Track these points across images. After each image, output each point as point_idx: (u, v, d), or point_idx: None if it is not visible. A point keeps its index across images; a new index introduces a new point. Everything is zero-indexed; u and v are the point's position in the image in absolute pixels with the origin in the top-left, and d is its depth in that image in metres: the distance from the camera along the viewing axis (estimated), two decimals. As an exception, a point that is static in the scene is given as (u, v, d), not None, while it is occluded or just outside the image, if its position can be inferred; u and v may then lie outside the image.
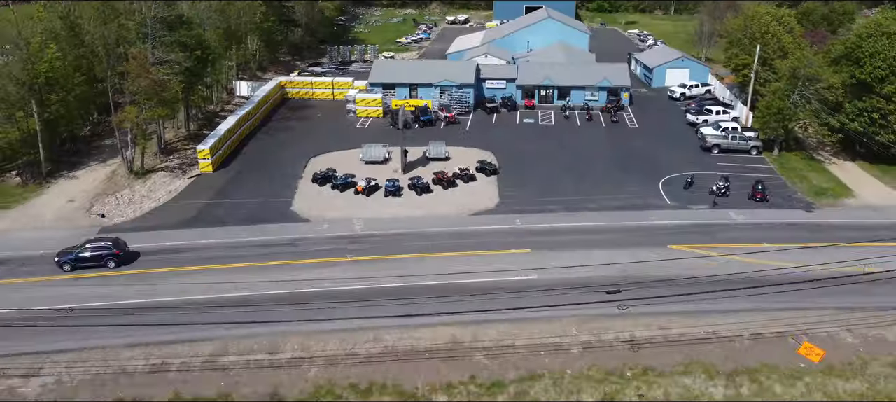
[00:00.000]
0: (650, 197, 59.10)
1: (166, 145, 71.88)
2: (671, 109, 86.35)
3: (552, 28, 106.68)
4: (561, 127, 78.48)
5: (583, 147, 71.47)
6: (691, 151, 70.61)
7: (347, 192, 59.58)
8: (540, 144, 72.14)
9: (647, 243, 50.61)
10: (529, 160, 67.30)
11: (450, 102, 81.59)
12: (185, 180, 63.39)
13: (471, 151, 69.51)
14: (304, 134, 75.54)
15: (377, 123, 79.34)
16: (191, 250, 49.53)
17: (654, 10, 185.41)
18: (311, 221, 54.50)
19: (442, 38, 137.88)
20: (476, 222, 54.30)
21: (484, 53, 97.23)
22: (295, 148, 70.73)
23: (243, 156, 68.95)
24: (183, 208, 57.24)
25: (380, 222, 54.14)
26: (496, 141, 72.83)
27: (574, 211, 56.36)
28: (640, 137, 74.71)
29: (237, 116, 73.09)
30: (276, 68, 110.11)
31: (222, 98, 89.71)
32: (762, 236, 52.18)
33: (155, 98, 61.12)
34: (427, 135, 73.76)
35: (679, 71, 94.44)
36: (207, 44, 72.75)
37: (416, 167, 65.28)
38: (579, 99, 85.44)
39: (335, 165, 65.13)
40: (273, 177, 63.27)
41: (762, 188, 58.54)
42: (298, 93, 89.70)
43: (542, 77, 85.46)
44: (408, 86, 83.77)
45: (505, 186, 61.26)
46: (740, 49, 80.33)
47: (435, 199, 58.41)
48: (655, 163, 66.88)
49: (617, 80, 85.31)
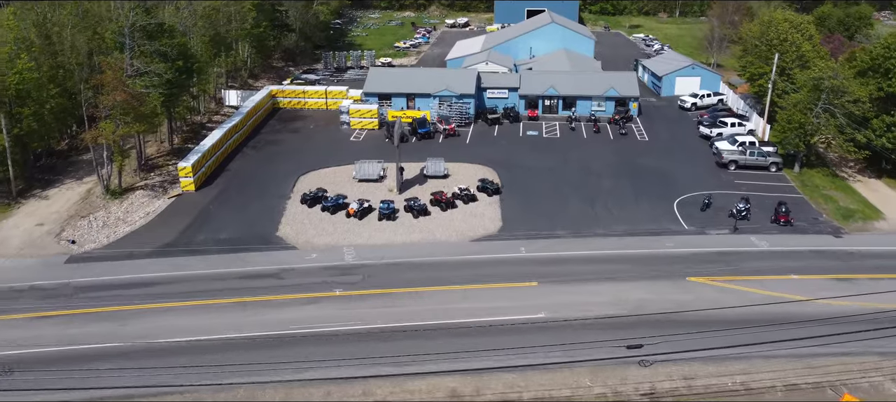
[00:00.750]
0: (665, 220, 54.82)
1: (147, 161, 67.59)
2: (682, 120, 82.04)
3: (556, 33, 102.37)
4: (566, 140, 74.21)
5: (590, 162, 67.16)
6: (706, 167, 66.35)
7: (338, 214, 55.30)
8: (544, 159, 67.86)
9: (664, 274, 46.34)
10: (534, 177, 63.04)
11: (449, 113, 77.30)
12: (165, 200, 59.10)
13: (471, 168, 65.25)
14: (294, 148, 71.25)
15: (372, 136, 75.06)
16: (164, 282, 45.21)
17: (658, 12, 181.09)
18: (299, 248, 50.20)
19: (441, 43, 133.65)
20: (477, 250, 50.00)
21: (484, 60, 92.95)
22: (284, 164, 66.45)
23: (229, 173, 64.64)
24: (160, 232, 52.93)
25: (373, 250, 49.85)
26: (498, 156, 68.57)
27: (583, 237, 52.10)
28: (650, 152, 70.41)
29: (223, 129, 68.80)
30: (269, 75, 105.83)
31: (210, 108, 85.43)
32: (789, 265, 47.92)
33: (131, 113, 56.81)
34: (425, 149, 69.54)
35: (689, 79, 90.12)
36: (191, 53, 68.42)
37: (413, 186, 61.01)
38: (585, 109, 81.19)
39: (326, 184, 60.90)
40: (259, 197, 58.99)
41: (786, 210, 54.30)
42: (290, 103, 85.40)
43: (546, 86, 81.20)
44: (404, 96, 79.51)
45: (508, 207, 57.00)
46: (756, 57, 75.99)
47: (433, 222, 54.13)
48: (668, 181, 62.62)
49: (625, 89, 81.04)
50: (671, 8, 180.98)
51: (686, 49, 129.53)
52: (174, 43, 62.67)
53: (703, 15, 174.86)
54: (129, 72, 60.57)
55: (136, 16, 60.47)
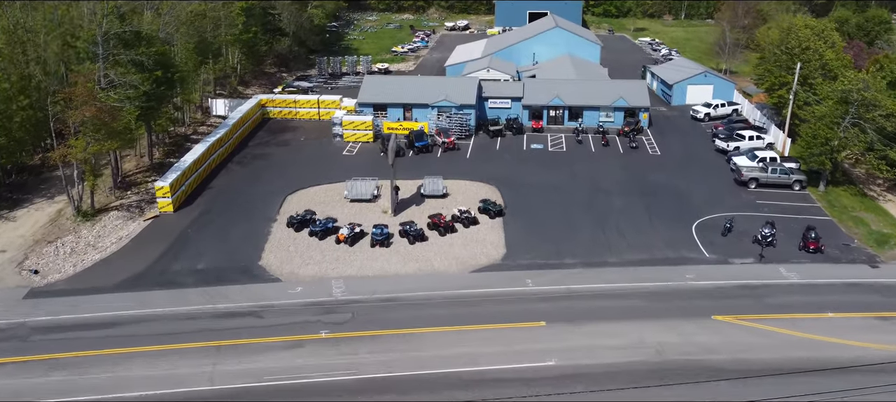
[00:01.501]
0: (683, 247, 50.27)
1: (124, 178, 63.04)
2: (695, 131, 77.43)
3: (560, 38, 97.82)
4: (573, 153, 69.63)
5: (600, 179, 62.60)
6: (723, 184, 61.80)
7: (328, 240, 50.77)
8: (550, 176, 63.28)
9: (687, 312, 41.79)
10: (539, 197, 58.50)
11: (448, 125, 72.73)
12: (140, 223, 54.58)
13: (472, 186, 60.70)
14: (283, 163, 66.68)
15: (367, 149, 70.49)
16: (131, 322, 40.63)
17: (662, 14, 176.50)
18: (283, 281, 45.61)
19: (440, 47, 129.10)
20: (479, 282, 45.45)
21: (486, 67, 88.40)
22: (271, 181, 61.90)
23: (211, 191, 60.08)
24: (132, 260, 48.36)
25: (364, 282, 45.29)
26: (501, 172, 64.02)
27: (594, 266, 47.56)
28: (663, 167, 65.83)
29: (207, 143, 64.23)
30: (260, 82, 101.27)
31: (195, 118, 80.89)
32: (823, 301, 43.35)
33: (103, 129, 52.27)
34: (423, 164, 65.02)
35: (702, 88, 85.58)
36: (172, 62, 63.84)
37: (410, 207, 56.48)
38: (592, 120, 76.63)
39: (316, 205, 56.41)
40: (243, 219, 54.45)
41: (815, 236, 49.74)
42: (280, 113, 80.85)
43: (551, 96, 76.64)
44: (401, 106, 74.94)
45: (512, 231, 52.45)
46: (776, 65, 71.43)
47: (430, 249, 49.58)
48: (684, 200, 58.09)
49: (635, 99, 76.47)
50: (676, 10, 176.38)
51: (694, 54, 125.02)
52: (152, 52, 58.08)
53: (710, 17, 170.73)
54: (103, 84, 56.05)
55: (109, 23, 55.91)
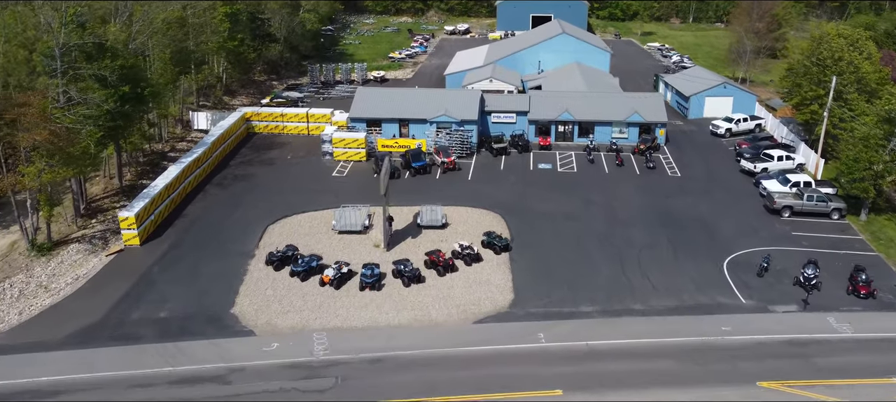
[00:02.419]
0: (716, 291, 44.22)
1: (89, 204, 56.98)
2: (716, 148, 71.29)
3: (567, 45, 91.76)
4: (585, 175, 63.55)
5: (616, 206, 56.55)
6: (753, 212, 55.80)
7: (311, 280, 44.74)
8: (561, 202, 57.21)
9: (727, 377, 35.79)
10: (549, 228, 52.45)
11: (448, 142, 66.64)
12: (102, 258, 48.57)
13: (474, 214, 54.67)
14: (266, 186, 60.60)
15: (359, 170, 64.42)
16: (74, 389, 34.57)
17: (669, 17, 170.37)
18: (257, 335, 39.54)
19: (440, 52, 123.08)
20: (483, 337, 39.38)
21: (488, 77, 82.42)
22: (252, 207, 55.87)
23: (184, 220, 54.03)
24: (87, 306, 42.30)
25: (350, 336, 39.24)
26: (506, 196, 57.99)
27: (616, 316, 41.48)
28: (685, 191, 59.77)
29: (182, 164, 58.14)
30: (248, 91, 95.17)
31: (174, 133, 74.80)
32: (885, 362, 37.36)
33: (58, 155, 46.23)
34: (420, 186, 59.02)
35: (720, 100, 79.52)
36: (143, 75, 57.72)
37: (405, 240, 50.45)
38: (605, 136, 70.60)
39: (300, 237, 50.45)
40: (216, 254, 48.40)
41: (866, 279, 43.67)
42: (267, 127, 74.77)
43: (559, 110, 70.58)
44: (396, 122, 68.90)
45: (520, 270, 46.41)
46: (806, 78, 65.34)
47: (428, 293, 43.52)
48: (712, 232, 52.07)
49: (650, 113, 70.43)
50: (684, 13, 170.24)
51: (706, 61, 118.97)
52: (116, 65, 51.96)
53: (719, 21, 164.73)
54: (61, 101, 49.98)
55: (68, 34, 49.82)
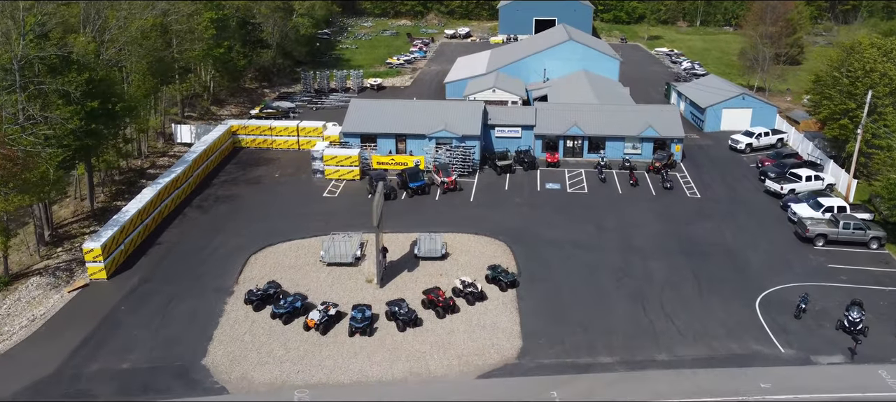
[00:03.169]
0: (748, 335, 39.34)
1: (56, 230, 52.15)
2: (736, 165, 66.28)
3: (574, 53, 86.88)
4: (597, 195, 58.65)
5: (633, 233, 51.66)
6: (783, 240, 50.93)
7: (295, 324, 39.91)
8: (572, 228, 52.33)
9: (772, 449, 30.96)
10: (560, 259, 47.58)
11: (449, 160, 61.75)
12: (64, 295, 43.75)
13: (477, 243, 49.81)
14: (250, 208, 55.77)
15: (352, 189, 59.55)
16: (14, 467, 29.83)
17: (676, 20, 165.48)
18: (230, 392, 34.68)
19: (440, 57, 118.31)
20: (489, 394, 34.50)
21: (491, 86, 77.59)
22: (234, 234, 51.01)
23: (159, 248, 49.18)
24: (40, 354, 37.47)
25: (337, 393, 34.36)
26: (511, 221, 53.13)
27: (638, 368, 36.62)
28: (706, 215, 54.88)
29: (158, 186, 53.28)
30: (238, 100, 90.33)
31: (156, 148, 69.91)
32: (951, 428, 32.54)
33: (11, 182, 41.39)
34: (417, 208, 54.22)
35: (739, 112, 74.59)
36: (114, 89, 52.84)
37: (400, 273, 45.60)
38: (616, 152, 65.73)
39: (284, 270, 45.64)
40: (191, 291, 43.55)
41: (918, 324, 38.88)
42: (254, 141, 69.90)
43: (568, 124, 65.71)
44: (393, 137, 64.03)
45: (529, 310, 41.55)
46: (835, 91, 60.39)
47: (425, 340, 38.65)
48: (739, 264, 47.20)
49: (666, 128, 65.54)
50: (691, 16, 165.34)
51: (716, 66, 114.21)
52: (82, 80, 47.10)
53: (728, 24, 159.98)
54: (20, 119, 45.15)
55: (28, 45, 44.97)
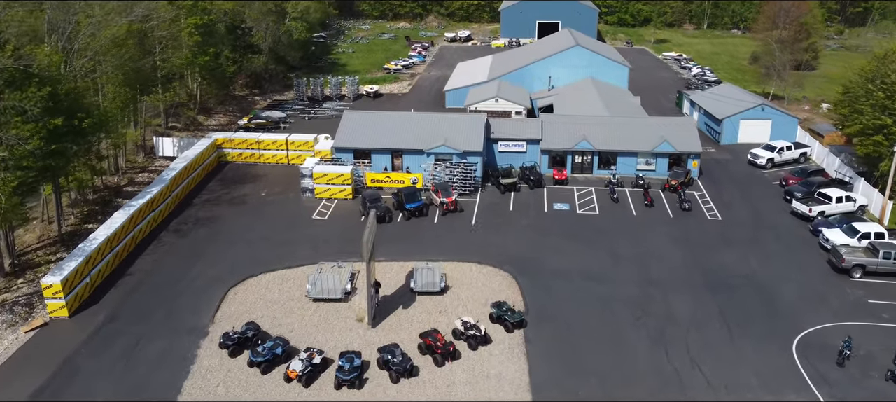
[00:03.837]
0: (788, 386, 34.80)
1: (18, 258, 47.57)
2: (758, 184, 61.64)
3: (581, 59, 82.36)
4: (609, 218, 54.08)
5: (651, 262, 47.04)
6: (814, 269, 46.41)
7: (274, 374, 35.38)
8: (583, 257, 47.72)
9: None
10: (571, 293, 43.00)
11: (449, 178, 57.19)
12: (20, 335, 39.23)
13: (480, 274, 45.25)
14: (233, 233, 51.21)
15: (344, 210, 55.00)
16: None
17: (682, 23, 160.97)
18: (195, 461, 30.24)
19: (439, 62, 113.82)
20: (494, 466, 30.03)
21: (494, 96, 73.14)
22: (213, 263, 46.47)
23: (129, 280, 44.65)
24: (-16, 414, 33.07)
25: (319, 465, 29.90)
26: (517, 248, 48.57)
27: (666, 429, 32.14)
28: (729, 241, 50.28)
29: (129, 210, 48.72)
30: (227, 108, 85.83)
31: (135, 162, 65.29)
32: None
33: (-43, 211, 36.93)
34: (414, 232, 49.69)
35: (757, 123, 70.01)
36: (83, 104, 48.28)
37: (395, 309, 41.06)
38: (628, 168, 61.21)
39: (264, 308, 41.14)
40: (161, 331, 39.01)
41: (980, 375, 34.35)
42: (240, 155, 65.36)
43: (576, 138, 61.20)
44: (388, 152, 59.46)
45: (538, 356, 36.98)
46: (868, 104, 55.78)
47: (422, 394, 34.11)
48: (770, 299, 42.63)
49: (682, 142, 61.01)
50: (698, 19, 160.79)
51: (727, 72, 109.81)
52: (43, 94, 42.52)
53: (736, 27, 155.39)
54: (-27, 140, 40.68)
55: (-18, 56, 40.48)
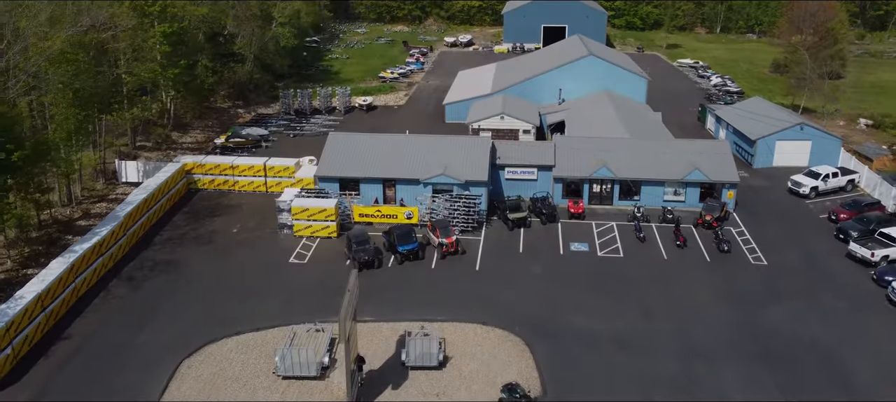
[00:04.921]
0: None
1: (-65, 316, 39.92)
2: (802, 216, 53.98)
3: (594, 69, 74.72)
4: (636, 261, 46.38)
5: (690, 322, 39.31)
6: (884, 330, 38.81)
7: (227, 488, 27.85)
8: (609, 315, 39.99)
9: None
10: (597, 367, 35.33)
11: (449, 213, 49.56)
12: (-81, 425, 31.67)
13: (485, 338, 37.60)
14: (195, 282, 43.55)
15: (327, 251, 47.37)
16: None
17: (694, 27, 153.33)
18: None
19: (439, 69, 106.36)
20: None
21: (499, 112, 65.58)
22: (167, 323, 38.84)
23: (66, 345, 37.06)
24: None
25: None
26: (529, 303, 40.90)
27: None
28: (780, 295, 42.46)
29: (71, 256, 41.05)
30: (206, 123, 78.24)
31: (94, 190, 57.62)
32: None
33: None
34: (408, 280, 41.98)
35: (795, 144, 62.36)
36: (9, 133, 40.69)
37: (383, 391, 33.47)
38: (653, 198, 53.66)
39: (224, 385, 33.68)
40: (92, 422, 31.52)
41: None
42: (213, 182, 57.77)
43: (595, 164, 53.63)
44: (379, 182, 51.88)
45: (561, 461, 29.44)
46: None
47: None
48: (839, 373, 35.02)
49: (715, 170, 53.38)
50: (711, 21, 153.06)
51: (747, 80, 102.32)
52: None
53: (751, 31, 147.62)
54: None
55: None
